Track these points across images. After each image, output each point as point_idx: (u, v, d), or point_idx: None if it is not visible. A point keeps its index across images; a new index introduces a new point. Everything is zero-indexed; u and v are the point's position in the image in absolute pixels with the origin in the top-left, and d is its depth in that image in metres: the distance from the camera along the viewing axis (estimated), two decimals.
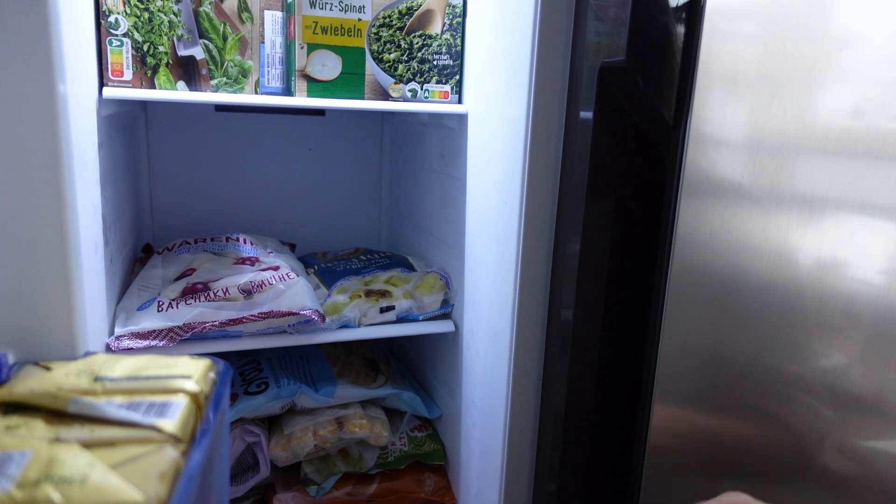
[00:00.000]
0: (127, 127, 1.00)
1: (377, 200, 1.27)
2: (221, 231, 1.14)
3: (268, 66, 0.91)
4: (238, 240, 1.02)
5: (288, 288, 0.87)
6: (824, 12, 0.57)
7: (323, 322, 0.87)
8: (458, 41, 0.91)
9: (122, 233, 0.94)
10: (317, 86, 0.85)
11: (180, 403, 0.38)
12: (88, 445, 0.33)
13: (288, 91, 0.88)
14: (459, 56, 0.92)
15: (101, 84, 0.76)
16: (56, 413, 0.37)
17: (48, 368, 0.42)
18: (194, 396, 0.40)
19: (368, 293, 0.95)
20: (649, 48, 0.72)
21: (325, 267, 1.05)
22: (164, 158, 1.12)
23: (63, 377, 0.40)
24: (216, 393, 0.42)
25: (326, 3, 0.84)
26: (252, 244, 1.02)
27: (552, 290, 0.83)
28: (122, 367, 0.42)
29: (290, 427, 0.96)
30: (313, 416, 0.97)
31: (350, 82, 0.87)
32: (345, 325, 0.91)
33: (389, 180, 1.27)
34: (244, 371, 1.01)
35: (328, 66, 0.86)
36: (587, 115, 0.77)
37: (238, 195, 1.18)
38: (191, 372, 0.42)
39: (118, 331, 0.78)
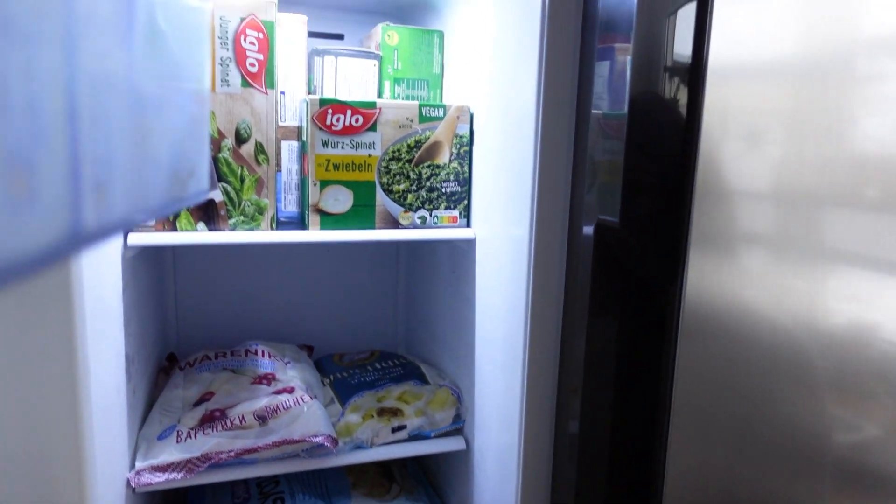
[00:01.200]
0: (154, 251, 1.05)
1: (393, 302, 1.30)
2: (243, 332, 1.18)
3: (284, 192, 0.96)
4: (256, 353, 1.05)
5: (302, 413, 0.89)
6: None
7: (335, 447, 0.89)
8: (466, 168, 0.94)
9: (146, 353, 0.98)
10: (329, 219, 0.89)
11: None
12: None
13: (302, 220, 0.91)
14: (467, 182, 0.95)
15: (126, 230, 0.81)
16: None
17: None
18: None
19: (381, 412, 0.97)
20: (649, 161, 0.74)
21: (340, 378, 1.07)
22: (190, 274, 1.17)
23: None
24: None
25: (338, 142, 0.88)
26: (270, 356, 1.05)
27: (559, 403, 0.84)
28: None
29: None
30: None
31: (361, 214, 0.90)
32: (357, 447, 0.93)
33: (406, 284, 1.30)
34: (261, 484, 1.03)
35: (340, 200, 0.89)
36: (588, 230, 0.79)
37: (259, 297, 1.22)
38: None
39: (138, 465, 0.82)
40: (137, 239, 0.80)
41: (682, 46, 0.70)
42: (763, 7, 0.59)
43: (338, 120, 0.87)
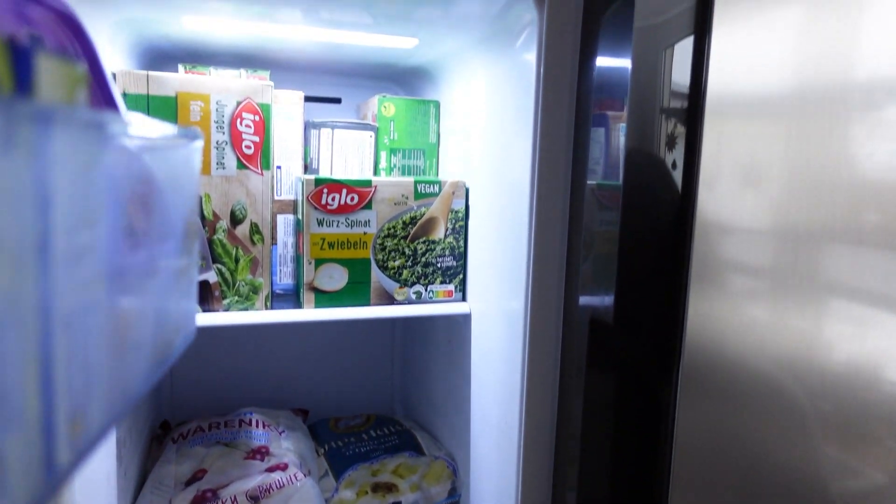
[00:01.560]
0: None
1: (390, 364, 1.29)
2: (238, 396, 1.17)
3: (280, 265, 0.95)
4: (251, 423, 1.04)
5: (295, 492, 0.88)
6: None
7: None
8: (462, 242, 0.94)
9: (139, 427, 0.97)
10: (324, 296, 0.89)
11: None
12: None
13: (298, 296, 0.91)
14: (463, 256, 0.95)
15: None
16: None
17: None
18: None
19: (376, 487, 0.96)
20: (641, 244, 0.74)
21: (335, 448, 1.06)
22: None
23: None
24: None
25: (334, 221, 0.88)
26: (264, 426, 1.05)
27: (556, 474, 0.84)
28: None
29: None
30: None
31: (356, 290, 0.90)
32: None
33: (402, 347, 1.29)
34: None
35: (335, 278, 0.89)
36: (585, 300, 0.79)
37: (255, 361, 1.21)
38: None
39: None
40: None
41: (678, 102, 0.69)
42: (756, 45, 0.58)
43: (333, 199, 0.87)
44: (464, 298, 0.96)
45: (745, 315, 0.61)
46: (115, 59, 0.82)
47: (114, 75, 0.78)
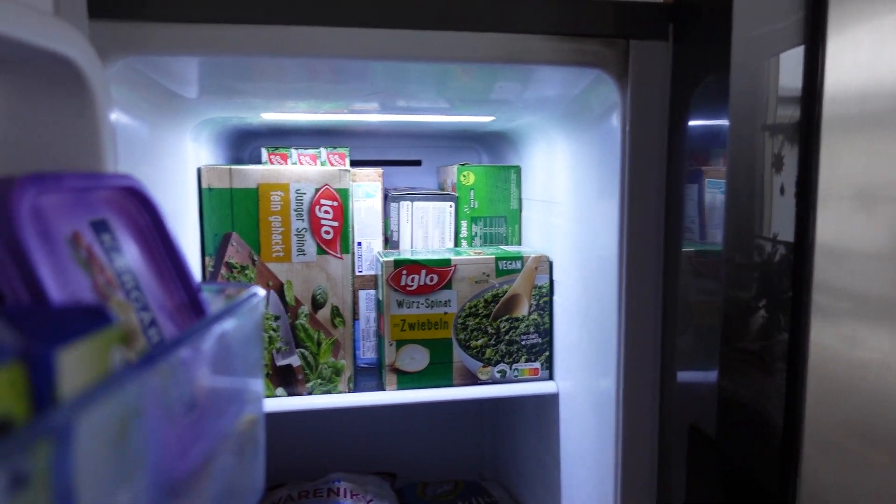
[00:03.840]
0: None
1: (478, 427, 1.26)
2: (326, 459, 1.17)
3: (363, 340, 0.95)
4: (339, 492, 1.05)
5: None
6: None
7: None
8: (547, 319, 0.90)
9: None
10: (406, 377, 0.87)
11: None
12: None
13: (380, 376, 0.90)
14: (548, 333, 0.90)
15: None
16: None
17: None
18: None
19: None
20: (752, 297, 0.67)
21: None
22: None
23: None
24: None
25: (413, 302, 0.86)
26: (352, 495, 1.05)
27: None
28: None
29: None
30: None
31: (438, 371, 0.88)
32: None
33: (491, 412, 1.25)
34: None
35: (416, 359, 0.87)
36: (686, 378, 0.72)
37: (342, 422, 1.21)
38: None
39: None
40: None
41: (787, 130, 0.62)
42: (875, 52, 0.51)
43: (412, 280, 0.86)
44: (551, 377, 0.91)
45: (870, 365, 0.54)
46: (200, 151, 0.85)
47: (199, 171, 0.81)
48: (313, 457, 1.20)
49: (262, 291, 0.43)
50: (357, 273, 0.94)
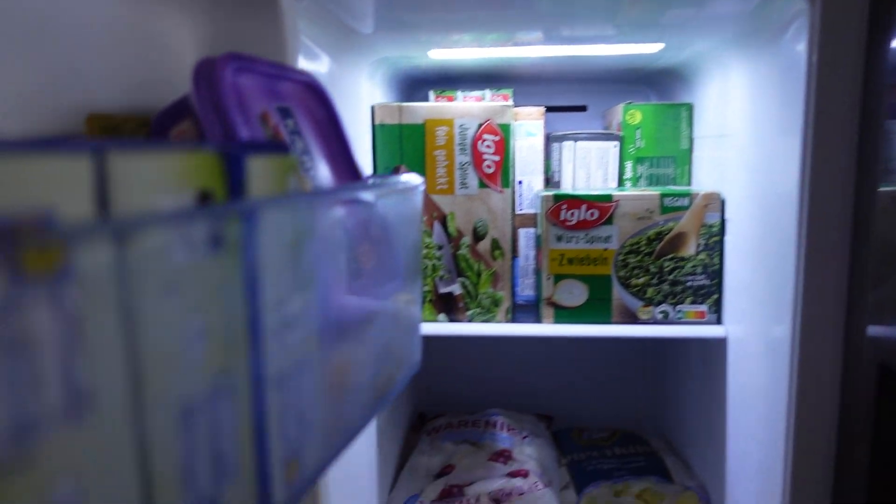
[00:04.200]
0: None
1: (640, 377, 1.23)
2: (485, 396, 1.22)
3: (522, 278, 0.97)
4: (496, 425, 1.09)
5: (535, 501, 0.90)
6: None
7: None
8: (716, 259, 0.85)
9: (397, 419, 1.08)
10: (564, 312, 0.88)
11: None
12: None
13: (537, 310, 0.92)
14: (718, 275, 0.86)
15: None
16: None
17: None
18: None
19: None
20: None
21: (577, 461, 1.05)
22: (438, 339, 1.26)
23: None
24: None
25: (573, 237, 0.86)
26: (508, 429, 1.08)
27: None
28: None
29: None
30: None
31: (597, 308, 0.87)
32: None
33: (654, 361, 1.22)
34: None
35: (574, 294, 0.88)
36: (877, 332, 0.65)
37: (503, 362, 1.25)
38: None
39: None
40: None
41: None
42: None
43: (572, 215, 0.86)
44: (719, 321, 0.87)
45: None
46: (374, 92, 0.92)
47: (372, 108, 0.87)
48: (473, 391, 1.25)
49: (419, 182, 0.46)
50: (517, 211, 0.96)
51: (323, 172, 0.44)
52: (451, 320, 0.90)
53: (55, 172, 0.18)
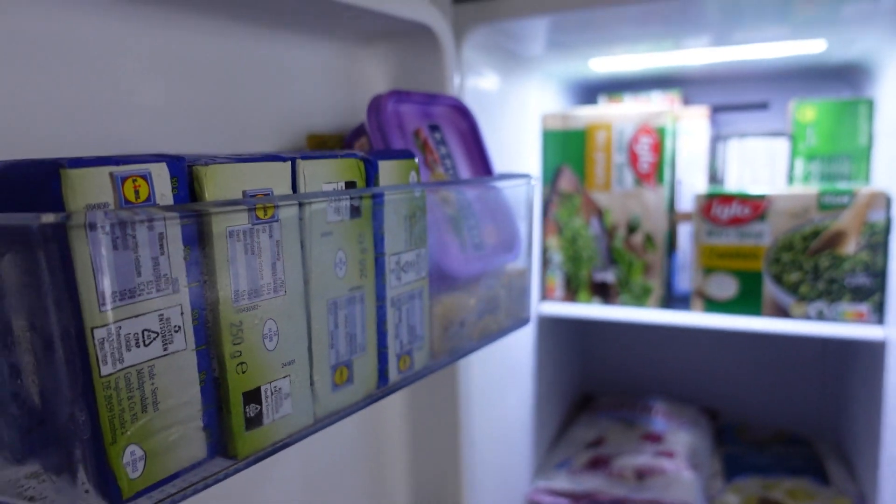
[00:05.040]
0: None
1: (817, 378, 1.19)
2: (649, 384, 1.28)
3: (679, 271, 1.03)
4: (652, 411, 1.15)
5: (677, 481, 0.96)
6: None
7: None
8: (880, 259, 0.83)
9: (560, 394, 1.21)
10: (713, 304, 0.93)
11: None
12: None
13: (688, 305, 0.98)
14: (881, 275, 0.84)
15: (542, 299, 1.04)
16: None
17: None
18: None
19: (763, 501, 0.94)
20: None
21: (732, 453, 1.07)
22: (608, 327, 1.34)
23: None
24: None
25: (724, 232, 0.91)
26: (665, 415, 1.14)
27: None
28: None
29: None
30: None
31: (747, 302, 0.91)
32: None
33: (833, 364, 1.17)
34: None
35: (724, 287, 0.92)
36: None
37: (671, 351, 1.30)
38: None
39: (539, 484, 1.04)
40: (547, 308, 1.02)
41: None
42: None
43: (723, 211, 0.91)
44: (880, 321, 0.85)
45: None
46: (545, 99, 1.05)
47: (542, 117, 1.01)
48: (641, 380, 1.32)
49: (535, 180, 0.59)
50: (678, 209, 1.02)
51: (463, 170, 0.60)
52: (606, 305, 1.00)
53: (273, 171, 0.36)
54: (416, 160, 0.44)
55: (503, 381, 0.93)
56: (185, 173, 0.32)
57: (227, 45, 0.51)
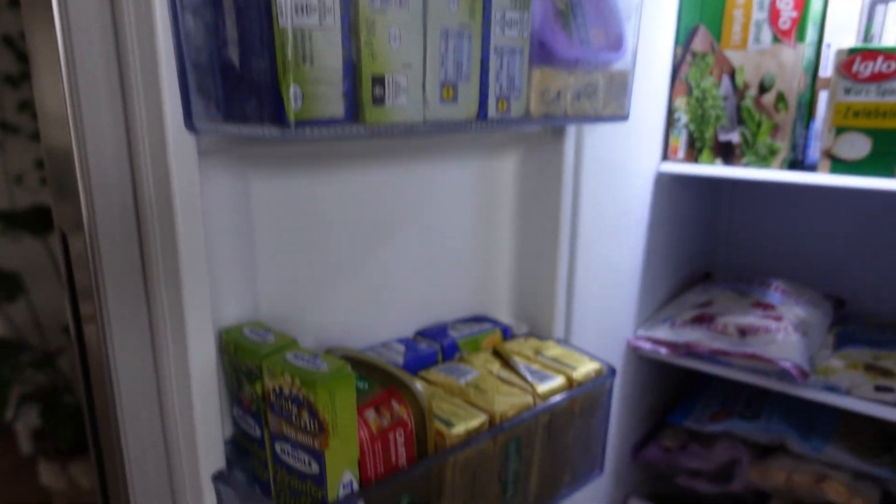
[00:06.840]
0: (706, 182, 1.27)
1: None
2: (785, 268, 1.27)
3: (815, 139, 1.02)
4: (771, 286, 1.16)
5: (779, 339, 0.99)
6: None
7: (803, 380, 0.95)
8: None
9: (675, 262, 1.24)
10: (841, 165, 0.92)
11: (556, 379, 0.69)
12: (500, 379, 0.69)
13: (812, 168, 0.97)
14: None
15: (663, 159, 1.08)
16: (504, 360, 0.74)
17: (526, 339, 0.80)
18: (569, 379, 0.70)
19: (869, 367, 0.95)
20: None
21: (848, 331, 1.06)
22: (743, 206, 1.34)
23: (525, 347, 0.77)
24: (589, 385, 0.71)
25: (863, 89, 0.89)
26: (782, 292, 1.14)
27: None
28: (553, 352, 0.76)
29: (773, 460, 1.07)
30: (797, 462, 1.05)
31: (881, 162, 0.89)
32: (829, 388, 0.96)
33: None
34: (750, 396, 1.17)
35: (856, 147, 0.90)
36: None
37: (810, 240, 1.27)
38: (581, 367, 0.72)
39: (639, 332, 1.11)
40: (668, 167, 1.06)
41: None
42: None
43: (865, 67, 0.88)
44: None
45: None
46: None
47: None
48: (772, 264, 1.31)
49: None
50: (821, 75, 0.99)
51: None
52: (727, 164, 1.02)
53: None
54: None
55: (615, 227, 1.00)
56: None
57: None
